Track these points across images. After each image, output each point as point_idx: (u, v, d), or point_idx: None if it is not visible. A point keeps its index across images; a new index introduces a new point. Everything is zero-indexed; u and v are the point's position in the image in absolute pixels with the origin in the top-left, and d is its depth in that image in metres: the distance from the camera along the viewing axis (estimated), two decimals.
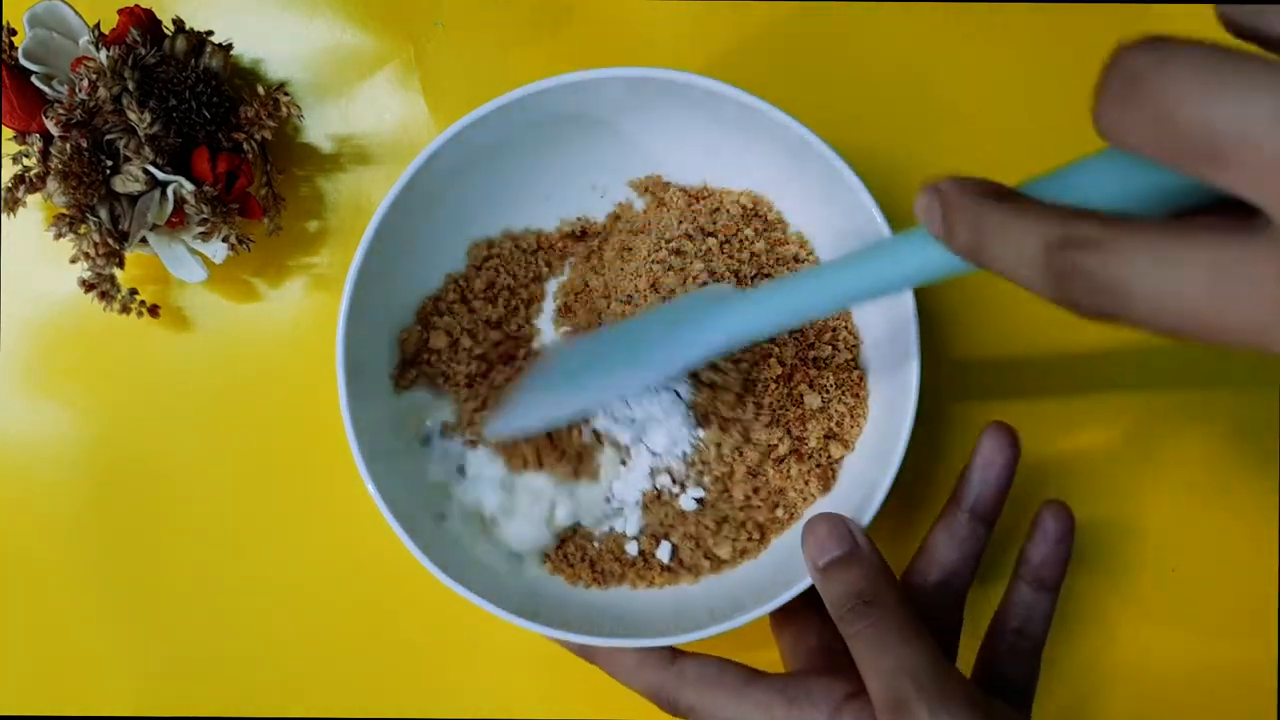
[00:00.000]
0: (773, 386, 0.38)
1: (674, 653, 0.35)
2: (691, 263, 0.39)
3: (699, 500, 0.39)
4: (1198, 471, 0.43)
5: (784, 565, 0.37)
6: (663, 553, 0.39)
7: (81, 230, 0.38)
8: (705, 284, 0.39)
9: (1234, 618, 0.43)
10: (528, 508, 0.39)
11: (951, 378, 0.43)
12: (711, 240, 0.39)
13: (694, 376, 0.38)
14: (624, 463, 0.39)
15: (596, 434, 0.39)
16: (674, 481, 0.39)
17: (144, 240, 0.39)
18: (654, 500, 0.39)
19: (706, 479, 0.39)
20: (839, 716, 0.32)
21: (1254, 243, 0.18)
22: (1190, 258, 0.18)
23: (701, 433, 0.38)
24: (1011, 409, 0.43)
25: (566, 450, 0.39)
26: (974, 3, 0.43)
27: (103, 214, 0.38)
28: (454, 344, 0.40)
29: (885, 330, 0.38)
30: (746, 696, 0.33)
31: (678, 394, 0.38)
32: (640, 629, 0.36)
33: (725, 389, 0.38)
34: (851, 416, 0.39)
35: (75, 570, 0.43)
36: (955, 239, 0.23)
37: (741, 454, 0.38)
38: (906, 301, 0.35)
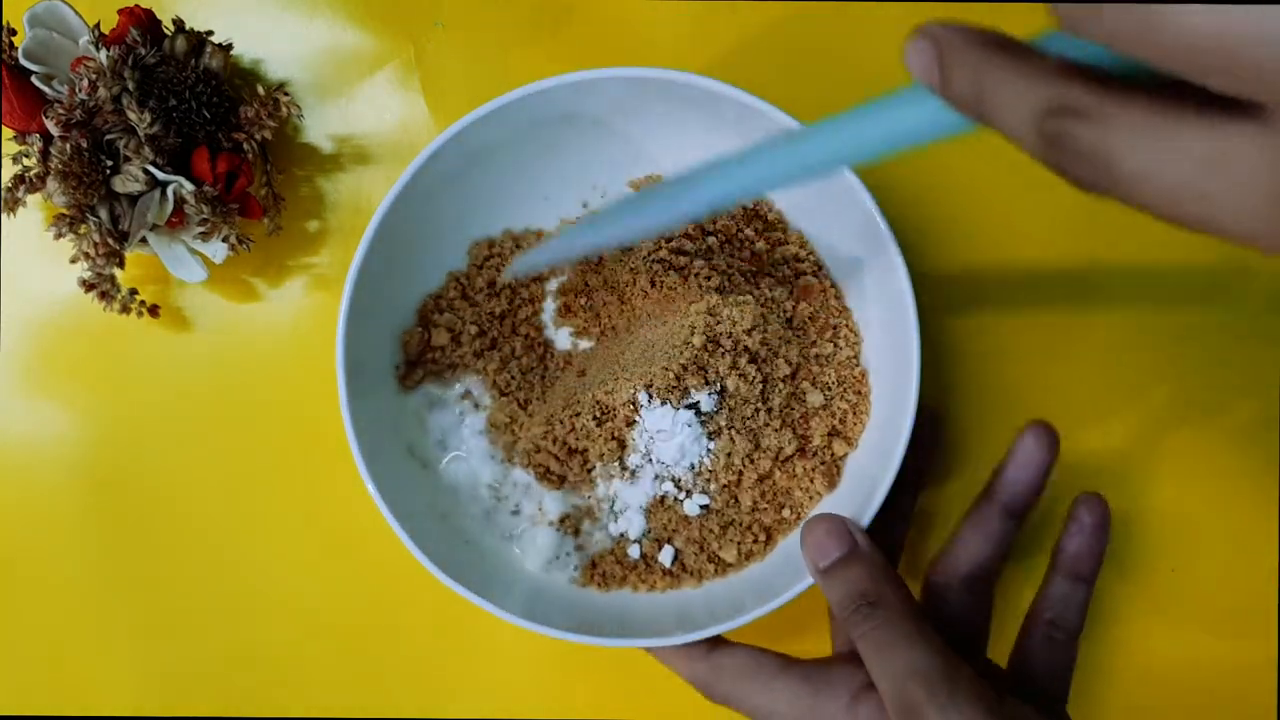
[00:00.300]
0: (780, 386, 0.38)
1: (712, 643, 0.35)
2: (692, 261, 0.39)
3: (704, 506, 0.39)
4: (1198, 471, 0.43)
5: (786, 565, 0.37)
6: (665, 557, 0.39)
7: (81, 230, 0.38)
8: (709, 278, 0.39)
9: (1234, 616, 0.43)
10: (521, 502, 0.39)
11: (951, 378, 0.43)
12: (712, 239, 0.39)
13: (720, 389, 0.37)
14: (626, 476, 0.39)
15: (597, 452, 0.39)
16: (679, 488, 0.39)
17: (144, 240, 0.39)
18: (657, 505, 0.39)
19: (713, 486, 0.39)
20: (856, 705, 0.32)
21: (1252, 134, 0.17)
22: (1182, 140, 0.17)
23: (712, 444, 0.38)
24: (1011, 410, 0.43)
25: (561, 458, 0.39)
26: (975, 3, 0.43)
27: (103, 214, 0.38)
28: (456, 337, 0.40)
29: (886, 329, 0.38)
30: (776, 687, 0.33)
31: (697, 409, 0.37)
32: (641, 629, 0.36)
33: (745, 400, 0.38)
34: (854, 414, 0.39)
35: (75, 570, 0.43)
36: (951, 89, 0.21)
37: (752, 461, 0.38)
38: (906, 299, 0.35)
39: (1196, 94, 0.17)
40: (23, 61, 0.37)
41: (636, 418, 0.37)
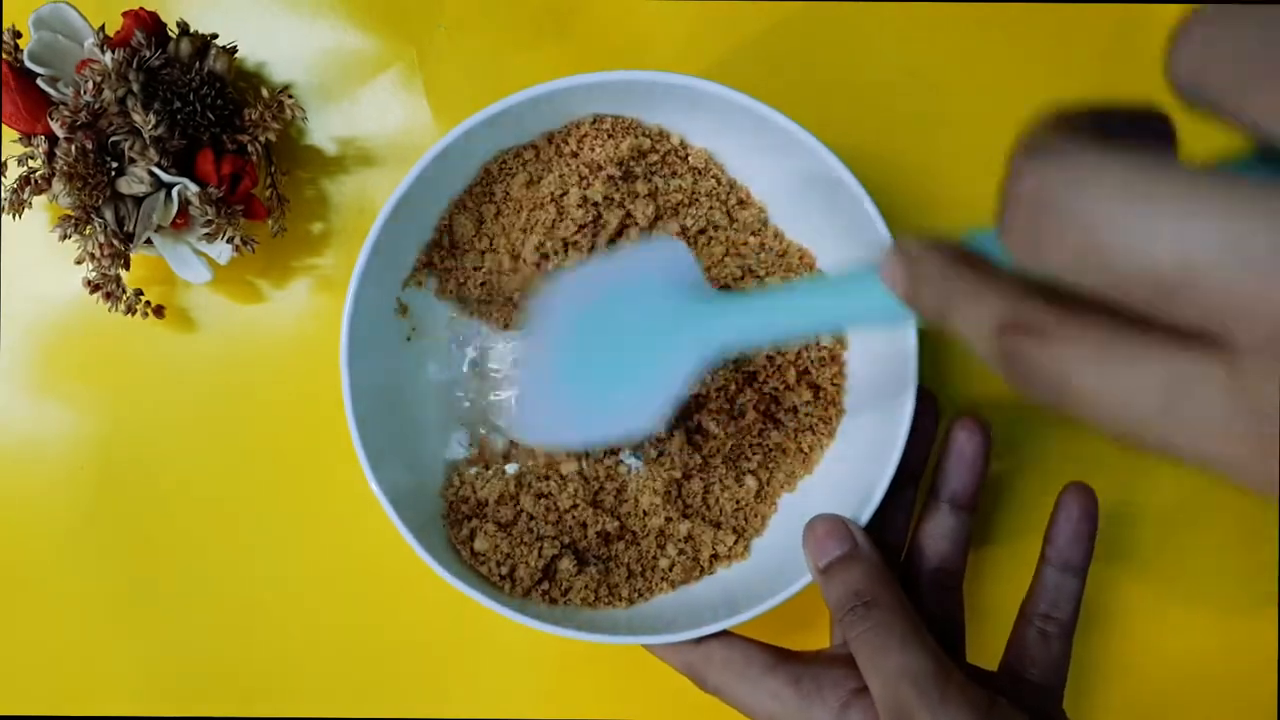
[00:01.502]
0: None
1: None
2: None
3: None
4: (1196, 467, 0.43)
5: (784, 565, 0.37)
6: None
7: (86, 231, 0.38)
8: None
9: (1233, 614, 0.43)
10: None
11: (949, 378, 0.43)
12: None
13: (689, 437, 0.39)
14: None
15: None
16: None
17: (149, 241, 0.39)
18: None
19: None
20: (845, 711, 0.32)
21: (1215, 373, 0.16)
22: (1140, 370, 0.17)
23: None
24: (1009, 409, 0.43)
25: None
26: (975, 2, 0.44)
27: (108, 215, 0.38)
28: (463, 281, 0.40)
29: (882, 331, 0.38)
30: (763, 686, 0.34)
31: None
32: (638, 627, 0.36)
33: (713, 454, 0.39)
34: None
35: (77, 570, 0.43)
36: (919, 301, 0.22)
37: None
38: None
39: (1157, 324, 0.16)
40: (28, 64, 0.38)
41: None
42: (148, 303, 0.40)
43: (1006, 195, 0.18)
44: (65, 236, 0.38)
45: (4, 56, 0.38)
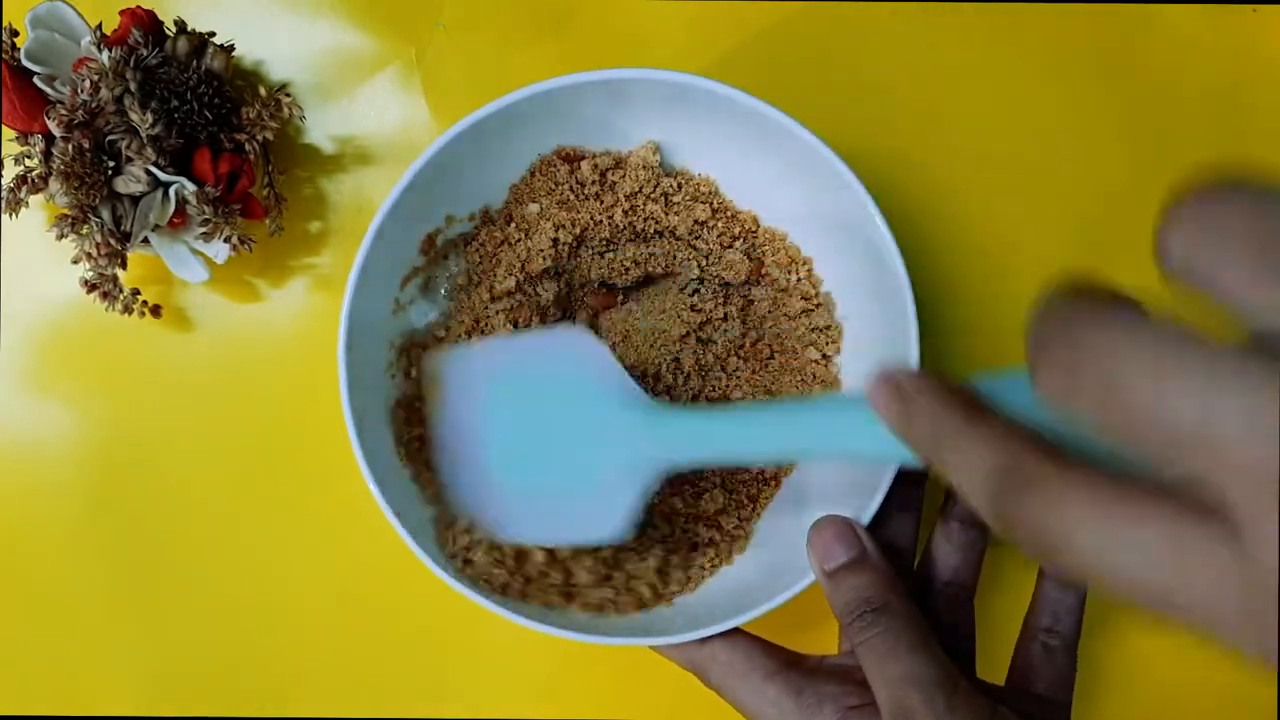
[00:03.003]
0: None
1: None
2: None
3: None
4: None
5: (783, 565, 0.37)
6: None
7: (84, 231, 0.38)
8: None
9: None
10: None
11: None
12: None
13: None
14: None
15: None
16: None
17: (146, 241, 0.39)
18: None
19: None
20: None
21: (1217, 537, 0.16)
22: (1139, 533, 0.17)
23: None
24: None
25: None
26: (975, 2, 0.44)
27: (105, 214, 0.38)
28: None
29: (883, 328, 0.38)
30: (764, 692, 0.33)
31: None
32: (639, 629, 0.36)
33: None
34: None
35: (76, 570, 0.43)
36: (911, 436, 0.22)
37: None
38: (905, 297, 0.35)
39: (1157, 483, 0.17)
40: (25, 62, 0.38)
41: None
42: (145, 302, 0.40)
43: (1038, 333, 0.18)
44: (62, 236, 0.38)
45: (1, 55, 0.38)
